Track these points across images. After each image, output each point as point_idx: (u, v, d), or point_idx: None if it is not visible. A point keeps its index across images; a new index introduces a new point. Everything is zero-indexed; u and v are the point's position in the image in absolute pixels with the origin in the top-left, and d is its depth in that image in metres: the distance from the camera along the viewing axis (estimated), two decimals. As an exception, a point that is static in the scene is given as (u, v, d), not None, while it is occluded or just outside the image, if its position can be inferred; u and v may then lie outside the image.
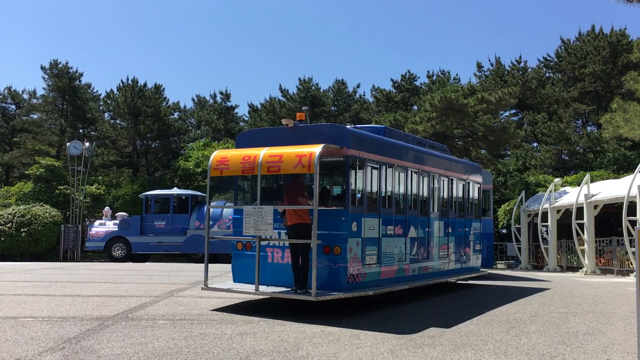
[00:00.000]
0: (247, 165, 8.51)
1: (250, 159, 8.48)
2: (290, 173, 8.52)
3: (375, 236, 9.10)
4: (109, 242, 24.50)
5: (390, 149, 10.03)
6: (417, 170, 10.70)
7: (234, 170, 8.77)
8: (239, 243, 9.29)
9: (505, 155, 37.18)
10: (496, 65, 42.25)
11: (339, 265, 8.32)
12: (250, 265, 8.74)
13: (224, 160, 8.82)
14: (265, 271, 8.67)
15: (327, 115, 46.19)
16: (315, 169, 7.81)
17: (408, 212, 10.27)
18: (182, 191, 26.16)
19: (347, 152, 8.64)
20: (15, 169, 44.45)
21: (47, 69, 43.28)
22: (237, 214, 9.55)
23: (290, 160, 8.15)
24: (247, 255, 9.13)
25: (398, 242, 9.84)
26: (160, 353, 5.38)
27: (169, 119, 43.63)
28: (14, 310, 7.79)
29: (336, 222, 8.44)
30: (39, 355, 5.23)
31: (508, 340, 6.38)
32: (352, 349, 5.78)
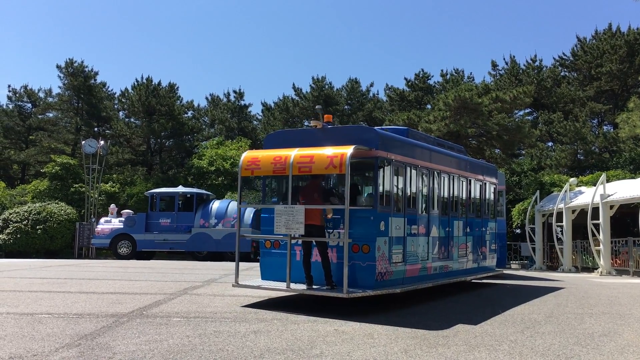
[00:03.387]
0: (278, 166, 8.69)
1: (282, 159, 8.65)
2: (322, 173, 8.80)
3: (400, 235, 9.27)
4: (115, 239, 24.65)
5: (414, 150, 10.21)
6: (439, 171, 10.88)
7: (265, 170, 8.96)
8: (267, 241, 9.49)
9: (519, 154, 36.94)
10: (511, 64, 41.98)
11: (368, 264, 8.49)
12: (278, 263, 9.02)
13: (255, 160, 9.00)
14: (294, 269, 8.76)
15: (340, 114, 46.16)
16: (347, 169, 8.00)
17: (430, 212, 10.45)
18: (187, 189, 26.31)
19: (376, 153, 8.80)
20: (31, 167, 44.89)
21: (62, 67, 43.71)
22: (265, 213, 9.73)
23: (322, 161, 8.36)
24: (275, 253, 9.34)
25: (421, 242, 10.03)
26: (175, 350, 5.41)
27: (182, 118, 43.88)
28: (31, 306, 7.87)
29: (365, 221, 8.58)
30: (55, 351, 5.28)
31: (523, 341, 6.34)
32: (366, 348, 5.78)
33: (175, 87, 44.58)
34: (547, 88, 39.10)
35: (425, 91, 44.58)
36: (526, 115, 40.42)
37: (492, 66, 43.57)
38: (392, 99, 45.63)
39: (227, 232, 24.35)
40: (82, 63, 43.71)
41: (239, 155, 38.54)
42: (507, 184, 29.60)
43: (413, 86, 45.40)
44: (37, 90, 45.45)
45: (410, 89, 45.42)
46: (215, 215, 24.61)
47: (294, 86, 49.44)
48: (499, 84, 38.27)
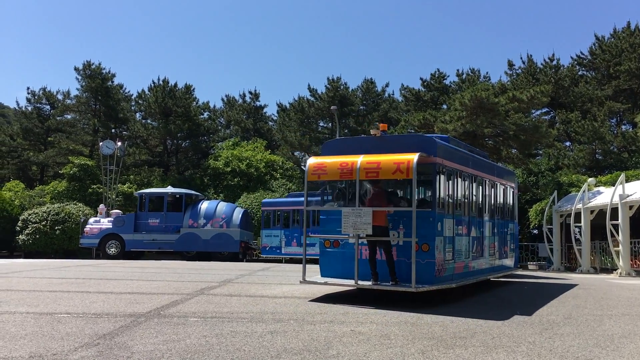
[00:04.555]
0: (345, 171, 9.36)
1: (348, 165, 9.33)
2: (388, 178, 9.41)
3: (451, 235, 10.02)
4: (103, 239, 24.77)
5: (460, 157, 11.04)
6: (475, 176, 11.70)
7: (332, 175, 9.64)
8: (327, 241, 10.15)
9: (536, 154, 36.59)
10: (528, 63, 41.62)
11: (427, 261, 9.20)
12: (337, 261, 9.85)
13: (321, 166, 9.70)
14: (353, 266, 9.30)
15: (356, 115, 46.12)
16: (414, 174, 8.74)
17: (470, 214, 11.27)
18: (176, 190, 26.49)
19: (434, 160, 9.53)
20: (49, 168, 45.40)
21: (80, 70, 44.16)
22: (324, 215, 10.48)
23: (389, 166, 9.04)
24: (334, 252, 10.02)
25: (465, 241, 10.82)
26: (192, 350, 5.44)
27: (199, 119, 44.13)
28: (50, 306, 7.96)
29: (425, 222, 9.23)
30: (74, 350, 5.33)
31: (541, 342, 6.28)
32: (383, 348, 5.76)
33: (192, 88, 44.86)
34: (565, 87, 38.69)
35: (441, 91, 44.36)
36: (543, 115, 40.05)
37: (509, 65, 43.24)
38: (407, 99, 45.45)
39: (216, 232, 24.50)
40: (99, 65, 44.15)
41: (254, 156, 38.69)
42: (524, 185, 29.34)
43: (429, 86, 45.19)
44: (56, 92, 45.95)
45: (426, 89, 45.22)
46: (204, 215, 24.77)
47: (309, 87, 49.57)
48: (516, 84, 37.94)
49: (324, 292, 10.34)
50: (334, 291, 10.55)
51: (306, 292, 10.29)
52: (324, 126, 47.31)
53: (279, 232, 25.07)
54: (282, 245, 24.94)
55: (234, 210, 25.39)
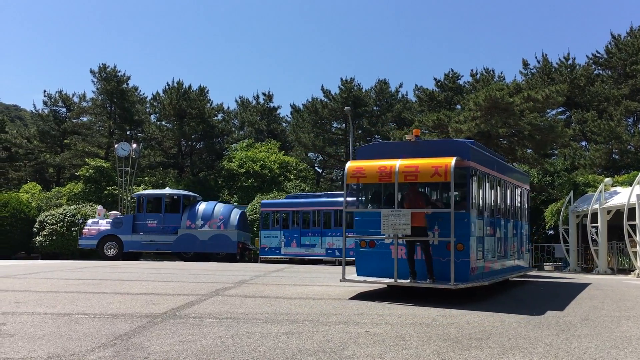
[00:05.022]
0: (383, 174, 9.81)
1: (387, 168, 9.78)
2: (426, 181, 10.03)
3: (481, 235, 10.51)
4: (102, 240, 24.96)
5: (488, 161, 11.56)
6: (499, 179, 12.18)
7: (371, 178, 10.12)
8: (363, 241, 10.53)
9: (552, 154, 36.31)
10: (543, 62, 41.33)
11: (462, 260, 9.61)
12: (374, 260, 10.28)
13: (360, 169, 10.13)
14: (391, 264, 9.77)
15: (370, 116, 46.06)
16: (452, 177, 9.20)
17: (495, 215, 11.75)
18: (174, 191, 26.63)
19: (468, 164, 9.99)
20: (66, 170, 45.87)
21: (96, 72, 44.58)
22: (358, 217, 10.85)
23: (427, 170, 9.51)
24: (369, 252, 10.42)
25: (492, 241, 11.32)
26: (208, 351, 5.47)
27: (213, 121, 44.33)
28: (67, 307, 8.04)
29: (459, 223, 9.61)
30: (91, 351, 5.38)
31: (558, 344, 6.23)
32: (398, 350, 5.75)
33: (206, 90, 45.09)
34: (581, 86, 38.36)
35: (455, 91, 44.19)
36: (559, 115, 39.74)
37: (524, 65, 42.98)
38: (421, 100, 45.33)
39: (214, 233, 24.64)
40: (114, 68, 44.54)
41: (268, 157, 38.79)
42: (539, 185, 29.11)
43: (442, 86, 45.04)
44: (72, 95, 46.48)
45: (440, 89, 45.07)
46: (202, 216, 24.89)
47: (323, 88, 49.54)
48: (531, 83, 37.68)
49: (341, 293, 10.35)
50: (353, 292, 10.56)
51: (321, 293, 10.31)
52: (337, 127, 47.31)
53: (278, 233, 25.25)
54: (281, 246, 25.13)
55: (231, 211, 25.54)
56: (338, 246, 24.09)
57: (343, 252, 10.22)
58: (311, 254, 24.63)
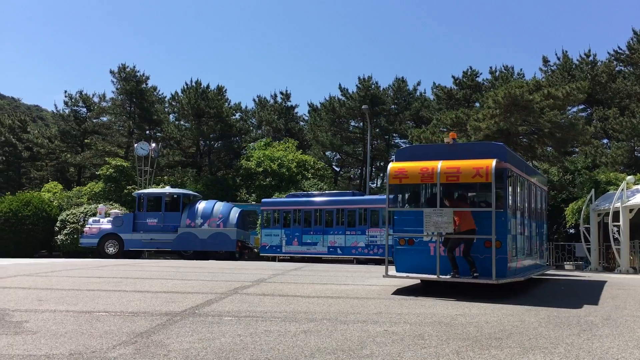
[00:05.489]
0: (425, 175, 10.32)
1: (429, 170, 10.26)
2: (468, 182, 10.49)
3: (514, 234, 11.00)
4: (102, 239, 25.20)
5: (519, 163, 12.08)
6: (527, 180, 12.65)
7: (413, 179, 10.63)
8: (402, 239, 11.02)
9: (573, 152, 35.88)
10: (563, 59, 40.83)
11: (500, 257, 10.06)
12: (411, 257, 10.81)
13: (402, 170, 10.61)
14: (429, 261, 10.43)
15: (387, 114, 45.91)
16: (493, 178, 9.75)
17: (524, 215, 12.20)
18: (174, 190, 26.83)
19: (505, 165, 10.46)
20: (86, 169, 46.39)
21: (115, 73, 45.00)
22: (397, 215, 11.36)
23: (468, 171, 10.02)
24: (408, 249, 10.92)
25: (522, 240, 11.80)
26: (227, 349, 5.50)
27: (230, 120, 44.51)
28: (89, 304, 8.13)
29: (497, 222, 10.02)
30: (113, 348, 5.44)
31: (579, 344, 6.16)
32: (417, 349, 5.73)
33: (224, 89, 45.28)
34: (602, 83, 37.83)
35: (473, 89, 43.85)
36: (580, 112, 39.21)
37: (544, 62, 42.51)
38: (439, 98, 45.05)
39: (213, 231, 24.81)
40: (134, 68, 44.94)
41: (286, 156, 38.85)
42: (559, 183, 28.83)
43: (461, 84, 44.71)
44: (92, 95, 46.98)
45: (458, 87, 44.75)
46: (202, 215, 25.07)
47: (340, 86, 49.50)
48: (551, 80, 37.25)
49: (359, 292, 10.34)
50: (371, 291, 10.55)
51: (339, 292, 10.31)
52: (355, 126, 47.25)
53: (279, 231, 25.43)
54: (282, 244, 25.30)
55: (230, 210, 25.70)
56: (340, 244, 24.39)
57: (386, 250, 10.82)
58: (313, 252, 24.86)
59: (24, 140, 47.35)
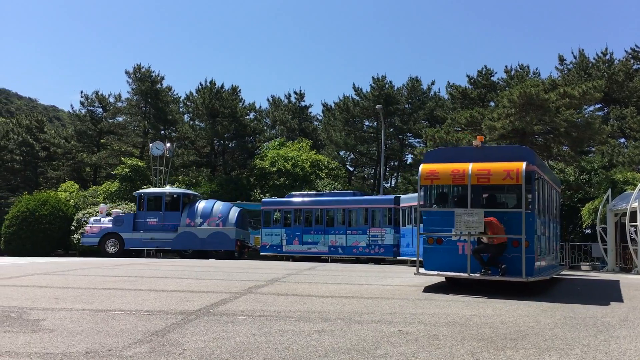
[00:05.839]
0: (457, 176, 10.68)
1: (460, 171, 10.62)
2: (498, 183, 10.93)
3: (538, 234, 11.33)
4: (103, 238, 25.43)
5: (543, 165, 12.55)
6: (547, 182, 12.98)
7: (444, 180, 11.05)
8: (430, 238, 11.25)
9: (589, 152, 35.53)
10: (580, 57, 40.44)
11: (528, 256, 10.34)
12: (441, 256, 11.05)
13: (434, 172, 10.93)
14: (457, 259, 10.78)
15: (401, 113, 45.78)
16: (523, 180, 10.11)
17: (545, 216, 12.48)
18: (174, 189, 27.05)
19: (533, 168, 10.80)
20: (102, 169, 46.78)
21: (131, 73, 45.30)
22: (426, 215, 11.55)
23: (499, 173, 10.41)
24: (437, 248, 11.17)
25: (544, 240, 12.15)
26: (242, 348, 5.51)
27: (245, 120, 44.65)
28: (104, 303, 8.20)
29: (526, 222, 10.34)
30: (128, 346, 5.48)
31: (596, 345, 6.10)
32: (431, 349, 5.71)
33: (238, 89, 45.43)
34: (619, 82, 37.39)
35: (488, 88, 43.57)
36: (596, 111, 38.81)
37: (560, 61, 42.14)
38: (454, 97, 44.82)
39: (212, 231, 24.96)
40: (149, 68, 45.23)
41: (300, 156, 38.90)
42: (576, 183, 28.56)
43: (475, 83, 44.44)
44: (108, 95, 47.36)
45: (473, 86, 44.48)
46: (201, 214, 25.25)
47: (354, 86, 49.35)
48: (567, 79, 36.91)
49: (373, 292, 10.33)
50: (385, 291, 10.53)
51: (353, 292, 10.30)
52: (369, 125, 47.17)
53: (280, 230, 25.60)
54: (283, 243, 25.40)
55: (230, 209, 25.84)
56: (341, 244, 24.67)
57: (417, 249, 11.23)
58: (313, 252, 25.04)
59: (41, 140, 47.86)
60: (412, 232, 23.22)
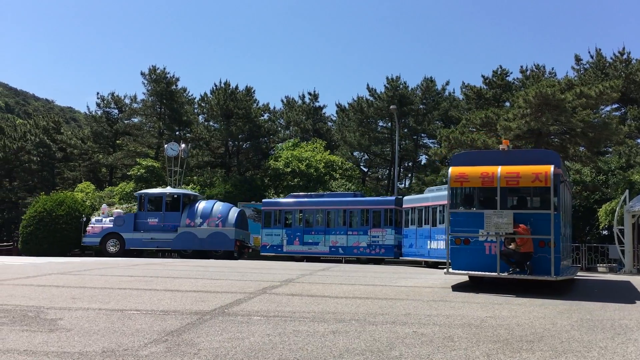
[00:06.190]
0: (486, 179, 11.10)
1: (489, 174, 11.07)
2: (527, 186, 11.25)
3: (561, 235, 11.64)
4: (104, 238, 25.71)
5: (564, 169, 12.76)
6: (567, 185, 13.39)
7: (474, 182, 11.40)
8: (457, 239, 11.52)
9: (606, 152, 35.15)
10: (597, 57, 39.99)
11: (554, 256, 10.69)
12: (468, 256, 11.33)
13: (463, 174, 11.34)
14: (484, 259, 11.11)
15: (415, 114, 45.62)
16: (552, 182, 10.59)
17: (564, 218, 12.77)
18: (174, 190, 27.20)
19: (559, 171, 11.17)
20: (118, 169, 47.14)
21: (146, 74, 45.59)
22: (453, 217, 11.77)
23: (528, 175, 10.83)
24: (464, 248, 11.43)
25: (564, 241, 12.43)
26: (256, 348, 5.53)
27: (259, 120, 44.76)
28: (121, 303, 8.26)
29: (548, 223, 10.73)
30: (144, 346, 5.52)
31: (614, 348, 6.03)
32: (446, 351, 5.68)
33: (252, 90, 45.56)
34: (637, 82, 36.90)
35: (503, 88, 43.26)
36: (613, 111, 38.38)
37: (576, 60, 41.70)
38: (468, 97, 44.57)
39: (212, 231, 25.12)
40: (164, 70, 45.51)
41: (314, 157, 38.91)
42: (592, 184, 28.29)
43: (491, 83, 44.15)
44: (123, 96, 47.74)
45: (488, 86, 44.20)
46: (201, 215, 25.43)
47: (368, 86, 49.32)
48: (584, 79, 36.54)
49: (387, 293, 10.31)
50: (400, 292, 10.50)
51: (367, 292, 10.28)
52: (383, 126, 47.06)
53: (280, 231, 25.74)
54: (283, 243, 25.52)
55: (229, 209, 25.98)
56: (342, 244, 24.88)
57: (447, 249, 11.46)
58: (314, 252, 25.20)
59: (58, 141, 48.35)
60: (416, 232, 23.32)
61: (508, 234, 10.89)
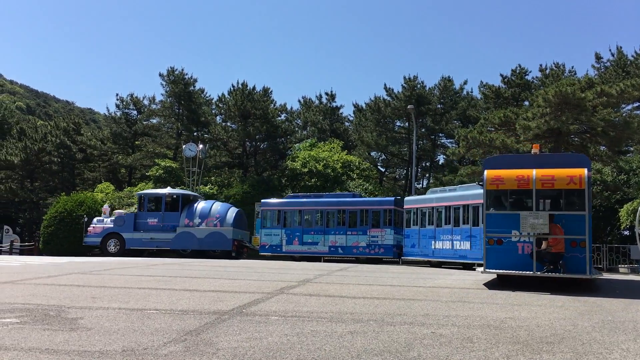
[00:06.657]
0: (521, 182, 11.55)
1: (524, 177, 11.53)
2: (562, 188, 11.59)
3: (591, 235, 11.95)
4: (105, 238, 26.04)
5: None
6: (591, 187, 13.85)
7: (509, 185, 11.83)
8: (491, 240, 11.88)
9: (627, 151, 34.66)
10: (617, 55, 39.47)
11: (584, 255, 11.21)
12: (501, 255, 11.71)
13: (499, 177, 11.83)
14: (517, 259, 11.56)
15: (433, 114, 45.39)
16: (586, 184, 11.10)
17: None
18: (173, 191, 27.45)
19: (589, 174, 11.51)
20: (137, 170, 47.55)
21: (164, 76, 45.93)
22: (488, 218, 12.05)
23: (563, 178, 11.30)
24: (497, 248, 11.81)
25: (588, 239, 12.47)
26: (274, 348, 5.54)
27: (276, 121, 44.86)
28: (140, 302, 8.34)
29: (582, 224, 11.29)
30: (163, 345, 5.56)
31: (636, 350, 5.94)
32: (465, 352, 5.64)
33: (269, 91, 45.68)
34: (659, 80, 36.38)
35: (522, 87, 42.89)
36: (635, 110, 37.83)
37: (596, 58, 41.23)
38: (487, 97, 44.24)
39: (210, 231, 25.30)
40: (182, 71, 45.81)
41: (331, 157, 38.90)
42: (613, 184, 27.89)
43: (509, 82, 43.78)
44: (142, 98, 48.20)
45: (507, 85, 43.84)
46: (199, 215, 25.65)
47: (386, 86, 49.06)
48: (604, 77, 36.09)
49: (405, 293, 10.27)
50: (418, 293, 10.45)
51: (385, 293, 10.25)
52: (400, 126, 46.90)
53: (279, 231, 25.82)
54: (282, 243, 25.66)
55: (228, 210, 26.13)
56: (341, 244, 25.00)
57: (483, 249, 11.80)
58: (313, 252, 25.27)
59: (78, 142, 48.92)
60: (419, 233, 23.28)
61: (543, 234, 11.18)
